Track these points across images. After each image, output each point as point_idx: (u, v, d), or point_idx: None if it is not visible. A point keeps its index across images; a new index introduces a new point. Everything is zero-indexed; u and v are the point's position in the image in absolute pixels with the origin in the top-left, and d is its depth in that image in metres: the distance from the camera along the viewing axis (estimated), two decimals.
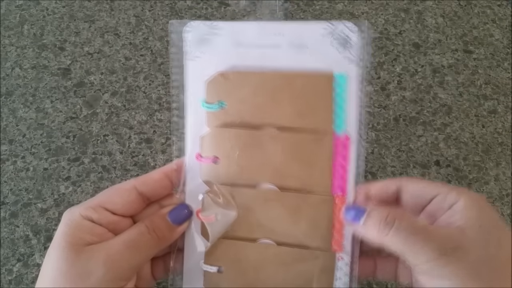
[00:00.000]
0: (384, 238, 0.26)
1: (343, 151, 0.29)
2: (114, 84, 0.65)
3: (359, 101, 0.29)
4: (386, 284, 0.50)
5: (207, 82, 0.30)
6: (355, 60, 0.29)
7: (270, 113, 0.30)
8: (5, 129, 0.61)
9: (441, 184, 0.28)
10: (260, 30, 0.29)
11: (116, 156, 0.59)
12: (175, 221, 0.29)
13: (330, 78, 0.29)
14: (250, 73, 0.30)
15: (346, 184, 0.30)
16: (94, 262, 0.26)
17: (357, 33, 0.29)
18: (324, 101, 0.29)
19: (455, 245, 0.24)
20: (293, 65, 0.29)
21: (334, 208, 0.29)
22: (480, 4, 0.78)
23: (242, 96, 0.30)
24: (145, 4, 0.75)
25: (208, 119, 0.31)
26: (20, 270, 0.50)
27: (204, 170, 0.31)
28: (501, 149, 0.61)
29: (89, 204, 0.28)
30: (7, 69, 0.66)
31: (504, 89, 0.67)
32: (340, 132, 0.29)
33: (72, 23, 0.72)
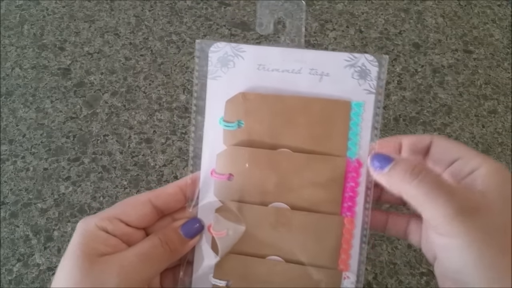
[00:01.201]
0: (406, 187, 0.26)
1: (355, 175, 0.30)
2: (114, 84, 0.65)
3: (373, 129, 0.30)
4: (386, 284, 0.51)
5: (227, 101, 0.31)
6: (373, 91, 0.30)
7: (286, 135, 0.31)
8: (5, 129, 0.61)
9: (466, 148, 0.28)
10: (282, 56, 0.31)
11: (116, 156, 0.59)
12: (187, 235, 0.30)
13: (348, 106, 0.30)
14: (269, 95, 0.31)
15: (356, 206, 0.31)
16: (108, 273, 0.26)
17: (378, 67, 0.30)
18: (340, 127, 0.30)
19: (475, 206, 0.24)
20: (312, 91, 0.31)
21: (342, 229, 0.31)
22: (480, 4, 0.78)
23: (260, 116, 0.31)
24: (145, 4, 0.75)
25: (225, 137, 0.32)
26: (20, 270, 0.50)
27: (218, 186, 0.32)
28: (501, 149, 0.61)
29: (104, 215, 0.29)
30: (7, 69, 0.66)
31: (504, 89, 0.67)
32: (353, 157, 0.30)
33: (72, 23, 0.72)
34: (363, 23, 0.75)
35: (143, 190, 0.56)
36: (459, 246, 0.24)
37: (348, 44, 0.72)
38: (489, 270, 0.23)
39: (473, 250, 0.23)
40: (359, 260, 0.31)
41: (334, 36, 0.73)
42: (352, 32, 0.74)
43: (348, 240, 0.31)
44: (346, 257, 0.31)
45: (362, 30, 0.74)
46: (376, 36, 0.73)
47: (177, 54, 0.69)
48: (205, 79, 0.31)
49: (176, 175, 0.57)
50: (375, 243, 0.53)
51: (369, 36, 0.73)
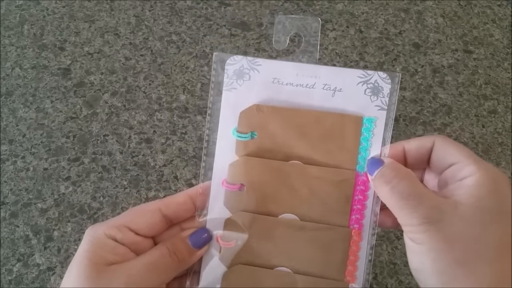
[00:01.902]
0: (381, 193, 0.28)
1: (363, 188, 0.31)
2: (114, 84, 0.65)
3: (384, 144, 0.31)
4: (386, 284, 0.51)
5: (241, 112, 0.32)
6: (384, 108, 0.31)
7: (298, 147, 0.32)
8: (5, 129, 0.61)
9: (465, 153, 0.27)
10: (297, 70, 0.32)
11: (116, 156, 0.59)
12: (195, 245, 0.30)
13: (360, 121, 0.31)
14: (283, 108, 0.32)
15: (363, 218, 0.32)
16: (116, 283, 0.26)
17: (390, 85, 0.31)
18: (351, 141, 0.31)
19: (439, 216, 0.25)
20: (325, 106, 0.31)
21: (350, 241, 0.31)
22: (480, 4, 0.78)
23: (273, 129, 0.32)
24: (145, 4, 0.75)
25: (238, 148, 0.32)
26: (20, 270, 0.50)
27: (228, 196, 0.32)
28: (501, 149, 0.61)
29: (113, 223, 0.29)
30: (7, 69, 0.66)
31: (504, 89, 0.67)
32: (362, 171, 0.31)
33: (72, 23, 0.72)
34: (363, 23, 0.75)
35: (143, 190, 0.56)
36: (419, 251, 0.25)
37: (348, 44, 0.72)
38: (442, 276, 0.24)
39: (429, 256, 0.25)
40: (365, 272, 0.31)
41: (334, 36, 0.73)
42: (352, 32, 0.74)
43: (355, 252, 0.31)
44: (353, 269, 0.31)
45: (362, 30, 0.74)
46: (376, 36, 0.73)
47: (177, 54, 0.69)
48: (220, 91, 0.32)
49: (176, 175, 0.57)
50: (375, 243, 0.53)
51: (369, 36, 0.73)
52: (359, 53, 0.71)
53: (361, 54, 0.71)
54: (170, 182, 0.57)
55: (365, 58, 0.70)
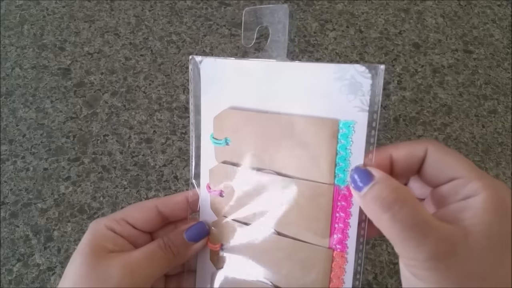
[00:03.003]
0: (377, 219, 0.23)
1: (345, 204, 0.27)
2: (114, 84, 0.65)
3: (367, 153, 0.26)
4: (386, 284, 0.50)
5: (214, 118, 0.30)
6: (365, 108, 0.25)
7: (270, 157, 0.28)
8: (5, 129, 0.61)
9: (466, 165, 0.24)
10: (266, 69, 0.28)
11: (116, 156, 0.59)
12: (190, 239, 0.31)
13: (335, 126, 0.26)
14: (253, 114, 0.28)
15: (347, 239, 0.27)
16: (113, 268, 0.28)
17: (370, 79, 0.25)
18: (327, 151, 0.26)
19: (449, 250, 0.21)
20: (297, 108, 0.27)
21: (331, 263, 0.28)
22: (480, 4, 0.78)
23: (245, 135, 0.29)
24: (145, 4, 0.75)
25: (216, 153, 0.31)
26: (20, 270, 0.50)
27: (213, 201, 0.32)
28: (501, 149, 0.61)
29: (113, 217, 0.31)
30: (7, 69, 0.66)
31: (504, 89, 0.67)
32: (342, 184, 0.26)
33: (72, 23, 0.72)
34: (363, 23, 0.75)
35: (143, 190, 0.56)
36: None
37: (348, 44, 0.72)
38: None
39: None
40: None
41: (334, 36, 0.73)
42: (352, 32, 0.74)
43: (339, 275, 0.28)
44: None
45: (362, 30, 0.74)
46: (376, 36, 0.73)
47: (177, 54, 0.69)
48: (200, 94, 0.30)
49: (176, 175, 0.57)
50: (375, 243, 0.53)
51: (369, 36, 0.73)
52: (359, 53, 0.71)
53: (361, 54, 0.71)
54: (170, 182, 0.57)
55: (365, 58, 0.70)
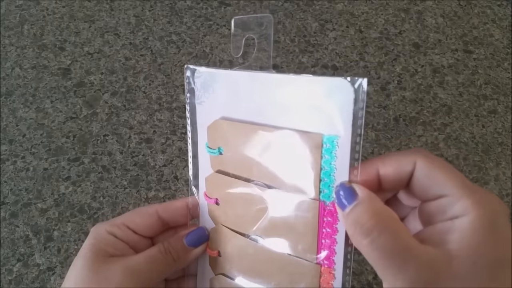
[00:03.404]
0: (358, 244, 0.23)
1: (331, 220, 0.26)
2: (114, 84, 0.65)
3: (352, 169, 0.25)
4: None
5: (208, 127, 0.31)
6: (349, 122, 0.24)
7: (259, 168, 0.29)
8: (5, 129, 0.61)
9: (458, 182, 0.23)
10: (252, 81, 0.28)
11: (116, 156, 0.59)
12: (190, 244, 0.32)
13: (319, 141, 0.26)
14: (242, 125, 0.29)
15: (334, 255, 0.27)
16: (114, 272, 0.29)
17: (353, 93, 0.24)
18: (311, 166, 0.26)
19: (432, 277, 0.21)
20: (281, 120, 0.27)
21: (319, 279, 0.28)
22: (480, 4, 0.78)
23: (235, 146, 0.30)
24: (145, 4, 0.75)
25: (211, 162, 0.32)
26: (20, 270, 0.50)
27: (210, 209, 0.33)
28: (501, 149, 0.61)
29: (114, 222, 0.32)
30: (7, 69, 0.66)
31: (504, 89, 0.67)
32: (328, 200, 0.26)
33: (72, 23, 0.72)
34: (363, 23, 0.75)
35: (143, 190, 0.56)
36: None
37: (348, 44, 0.72)
38: None
39: None
40: None
41: (334, 36, 0.73)
42: (352, 32, 0.74)
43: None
44: None
45: (362, 30, 0.74)
46: (376, 36, 0.73)
47: (177, 54, 0.69)
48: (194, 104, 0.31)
49: (176, 175, 0.57)
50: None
51: (369, 36, 0.73)
52: (359, 53, 0.71)
53: (361, 54, 0.71)
54: (170, 182, 0.57)
55: (365, 58, 0.70)
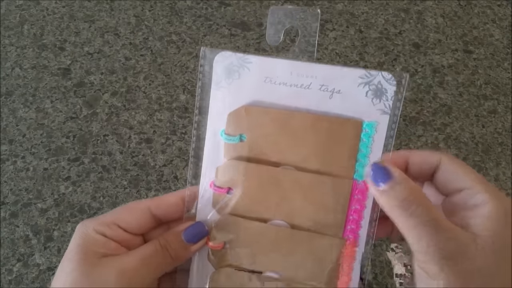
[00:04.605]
0: (395, 215, 0.25)
1: (361, 198, 0.29)
2: (114, 84, 0.65)
3: (385, 151, 0.28)
4: (386, 284, 0.50)
5: (229, 114, 0.30)
6: (388, 112, 0.29)
7: (290, 152, 0.29)
8: (5, 129, 0.61)
9: (475, 178, 0.26)
10: (292, 69, 0.29)
11: (116, 156, 0.59)
12: (189, 240, 0.30)
13: (359, 127, 0.29)
14: (274, 111, 0.29)
15: (360, 229, 0.29)
16: (108, 275, 0.27)
17: (395, 86, 0.28)
18: (349, 148, 0.29)
19: (460, 249, 0.24)
20: (321, 109, 0.29)
21: (343, 251, 0.30)
22: (480, 4, 0.78)
23: (264, 131, 0.30)
24: (145, 4, 0.75)
25: (226, 150, 0.30)
26: (20, 270, 0.50)
27: (217, 199, 0.31)
28: (501, 149, 0.61)
29: (102, 220, 0.29)
30: (7, 69, 0.66)
31: (504, 89, 0.67)
32: (360, 179, 0.29)
33: (72, 23, 0.72)
34: (363, 23, 0.75)
35: (143, 190, 0.56)
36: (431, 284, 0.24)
37: (348, 44, 0.72)
38: None
39: None
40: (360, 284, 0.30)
41: (334, 36, 0.73)
42: (352, 32, 0.73)
43: (350, 262, 0.30)
44: (347, 279, 0.30)
45: (362, 30, 0.74)
46: (376, 36, 0.73)
47: (177, 54, 0.69)
48: (209, 89, 0.30)
49: (176, 175, 0.57)
50: (375, 243, 0.53)
51: (369, 36, 0.73)
52: (359, 53, 0.71)
53: (361, 54, 0.71)
54: (170, 182, 0.57)
55: (365, 58, 0.70)
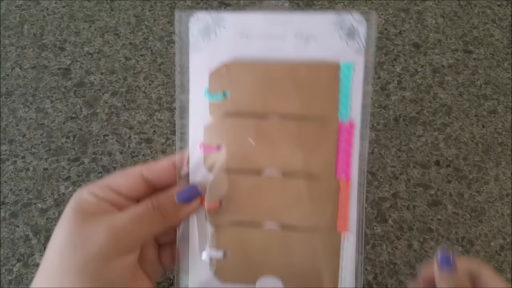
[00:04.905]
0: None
1: (347, 137, 0.30)
2: (114, 84, 0.65)
3: (364, 89, 0.30)
4: (386, 284, 0.51)
5: (210, 73, 0.31)
6: (362, 50, 0.29)
7: (274, 102, 0.30)
8: (5, 129, 0.61)
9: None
10: (265, 21, 0.30)
11: (116, 156, 0.59)
12: (181, 200, 0.30)
13: (336, 68, 0.30)
14: (254, 64, 0.30)
15: (350, 168, 0.31)
16: (98, 231, 0.27)
17: (365, 25, 0.29)
18: (329, 90, 0.30)
19: None
20: (299, 56, 0.30)
21: (338, 192, 0.30)
22: (480, 4, 0.78)
23: (245, 86, 0.30)
24: (145, 4, 0.75)
25: (211, 109, 0.31)
26: (20, 270, 0.50)
27: (207, 158, 0.31)
28: (501, 149, 0.61)
29: (96, 184, 0.30)
30: (7, 69, 0.66)
31: (504, 89, 0.67)
32: (345, 119, 0.30)
33: (72, 23, 0.72)
34: None
35: None
36: None
37: None
38: None
39: None
40: (358, 221, 0.31)
41: None
42: None
43: (345, 202, 0.31)
44: (344, 219, 0.31)
45: None
46: (376, 36, 0.73)
47: None
48: (187, 52, 0.30)
49: None
50: (375, 243, 0.53)
51: None
52: None
53: None
54: None
55: None
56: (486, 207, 0.56)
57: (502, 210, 0.56)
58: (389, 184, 0.57)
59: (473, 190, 0.58)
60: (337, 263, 0.31)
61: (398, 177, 0.58)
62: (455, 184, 0.58)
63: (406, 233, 0.54)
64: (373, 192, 0.57)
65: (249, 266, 0.31)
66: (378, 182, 0.58)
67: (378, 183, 0.57)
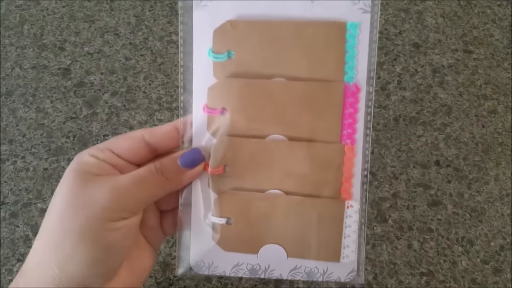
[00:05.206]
0: None
1: (353, 100, 0.30)
2: (114, 84, 0.65)
3: (370, 51, 0.29)
4: (386, 284, 0.51)
5: (215, 30, 0.30)
6: (368, 10, 0.29)
7: (279, 63, 0.30)
8: (5, 129, 0.61)
9: None
10: None
11: None
12: (185, 164, 0.29)
13: (343, 28, 0.29)
14: (259, 22, 0.29)
15: (356, 133, 0.30)
16: (99, 191, 0.26)
17: None
18: (335, 51, 0.29)
19: None
20: (304, 16, 0.29)
21: (343, 157, 0.30)
22: (480, 4, 0.78)
23: (251, 46, 0.30)
24: (145, 4, 0.75)
25: (216, 70, 0.30)
26: None
27: (211, 122, 0.31)
28: (501, 149, 0.61)
29: (97, 146, 0.29)
30: (7, 69, 0.66)
31: (504, 89, 0.67)
32: (350, 81, 0.29)
33: (72, 23, 0.72)
34: None
35: None
36: None
37: None
38: None
39: None
40: (362, 188, 0.30)
41: None
42: None
43: (349, 168, 0.30)
44: (348, 186, 0.30)
45: None
46: None
47: (177, 54, 0.69)
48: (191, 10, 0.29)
49: None
50: (375, 243, 0.53)
51: None
52: None
53: None
54: None
55: None
56: (486, 207, 0.56)
57: (502, 210, 0.56)
58: (389, 184, 0.58)
59: (473, 190, 0.58)
60: (340, 231, 0.30)
61: (398, 177, 0.58)
62: (455, 184, 0.58)
63: (406, 233, 0.54)
64: (373, 192, 0.57)
65: (252, 234, 0.31)
66: (378, 182, 0.58)
67: (378, 183, 0.57)
